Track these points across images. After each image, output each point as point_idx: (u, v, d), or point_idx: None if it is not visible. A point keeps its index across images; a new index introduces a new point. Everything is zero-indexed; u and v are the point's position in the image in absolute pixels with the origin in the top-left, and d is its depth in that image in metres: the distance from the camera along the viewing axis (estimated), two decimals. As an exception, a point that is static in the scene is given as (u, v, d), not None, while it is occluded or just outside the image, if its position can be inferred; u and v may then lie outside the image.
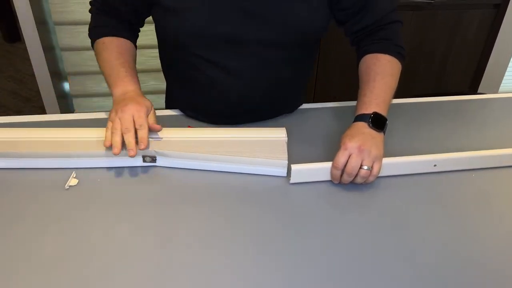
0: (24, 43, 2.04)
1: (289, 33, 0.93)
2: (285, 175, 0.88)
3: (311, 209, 0.81)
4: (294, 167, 0.84)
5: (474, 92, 2.72)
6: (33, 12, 1.97)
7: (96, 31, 1.01)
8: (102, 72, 0.97)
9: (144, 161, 0.89)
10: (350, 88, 0.96)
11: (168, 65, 1.09)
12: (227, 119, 1.03)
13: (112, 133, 0.85)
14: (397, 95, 1.02)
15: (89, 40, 1.02)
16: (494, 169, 0.93)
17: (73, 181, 0.85)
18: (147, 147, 0.85)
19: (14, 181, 0.85)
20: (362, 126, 0.87)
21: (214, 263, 0.69)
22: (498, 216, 0.81)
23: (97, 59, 1.00)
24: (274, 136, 0.93)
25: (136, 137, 0.84)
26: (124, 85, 0.93)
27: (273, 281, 0.67)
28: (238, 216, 0.78)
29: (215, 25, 0.90)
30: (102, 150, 0.87)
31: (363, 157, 0.82)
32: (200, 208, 0.80)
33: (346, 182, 0.85)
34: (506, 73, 2.72)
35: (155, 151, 0.88)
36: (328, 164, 0.85)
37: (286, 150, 0.89)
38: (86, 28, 1.00)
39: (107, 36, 0.99)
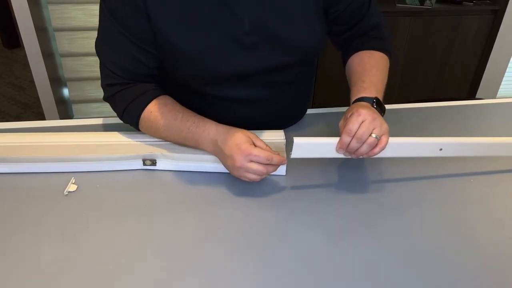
0: (24, 49, 2.05)
1: (293, 56, 0.93)
2: (284, 173, 0.88)
3: (311, 212, 0.81)
4: (296, 140, 0.80)
5: (472, 97, 2.73)
6: (33, 19, 1.98)
7: (134, 108, 0.90)
8: (166, 137, 0.91)
9: (144, 164, 0.90)
10: (348, 96, 0.97)
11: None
12: None
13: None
14: (395, 100, 1.02)
15: (88, 46, 1.01)
16: (492, 175, 0.94)
17: (72, 187, 0.85)
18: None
19: (13, 187, 0.85)
20: (367, 105, 0.86)
21: (215, 269, 0.69)
22: (497, 222, 0.81)
23: (153, 131, 0.91)
24: (273, 138, 0.95)
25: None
26: (205, 136, 0.87)
27: (275, 286, 0.67)
28: (239, 220, 0.79)
29: (219, 66, 0.88)
30: (102, 154, 0.88)
31: (375, 125, 0.80)
32: (200, 213, 0.80)
33: (352, 151, 0.82)
34: (504, 79, 2.73)
35: (155, 153, 0.89)
36: (331, 140, 0.82)
37: (285, 151, 0.90)
38: (85, 34, 0.99)
39: (147, 105, 0.89)
